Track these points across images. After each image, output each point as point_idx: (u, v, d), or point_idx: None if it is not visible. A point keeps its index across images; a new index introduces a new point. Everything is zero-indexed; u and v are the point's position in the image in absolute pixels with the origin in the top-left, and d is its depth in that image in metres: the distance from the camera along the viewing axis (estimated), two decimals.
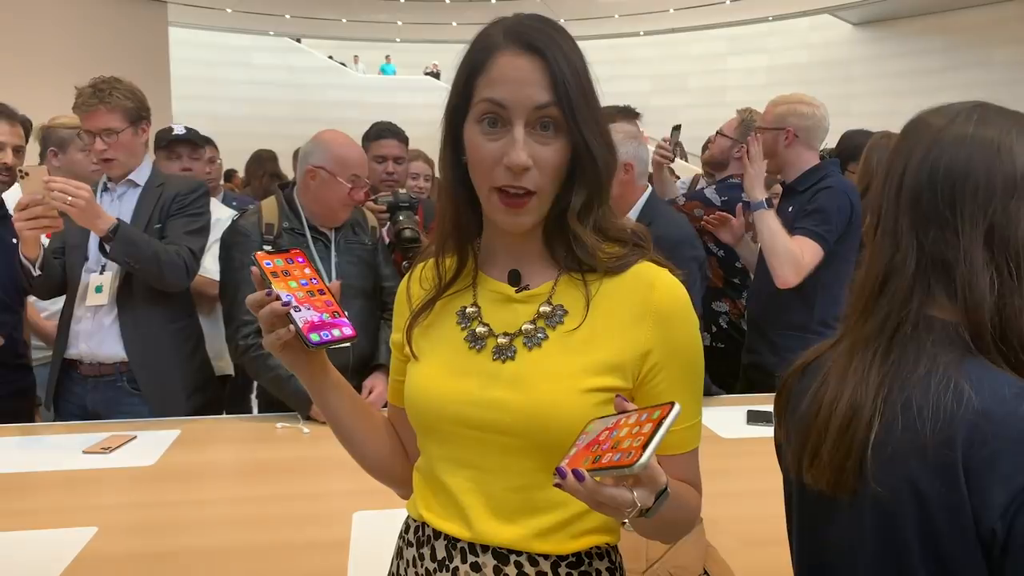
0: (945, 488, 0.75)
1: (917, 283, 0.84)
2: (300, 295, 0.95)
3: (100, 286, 2.28)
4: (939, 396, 0.77)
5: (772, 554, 1.41)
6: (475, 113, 0.88)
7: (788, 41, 18.58)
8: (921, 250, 0.84)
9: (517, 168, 0.85)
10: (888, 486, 0.79)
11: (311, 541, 1.56)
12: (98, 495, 1.82)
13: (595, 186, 0.90)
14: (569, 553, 0.92)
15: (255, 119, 16.82)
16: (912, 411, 0.78)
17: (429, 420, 0.94)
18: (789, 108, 2.57)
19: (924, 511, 0.77)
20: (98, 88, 2.27)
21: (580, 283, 0.92)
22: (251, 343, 2.19)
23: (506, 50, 0.88)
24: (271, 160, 5.17)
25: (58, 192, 2.03)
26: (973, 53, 15.82)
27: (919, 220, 0.84)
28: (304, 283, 0.97)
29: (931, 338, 0.81)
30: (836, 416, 0.83)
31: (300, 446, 2.10)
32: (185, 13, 14.88)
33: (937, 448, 0.76)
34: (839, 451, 0.82)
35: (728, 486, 1.84)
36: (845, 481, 0.82)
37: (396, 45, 20.84)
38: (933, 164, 0.84)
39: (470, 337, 0.94)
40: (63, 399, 2.35)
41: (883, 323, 0.85)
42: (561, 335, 0.91)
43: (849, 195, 2.42)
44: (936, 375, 0.78)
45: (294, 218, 2.29)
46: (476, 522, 0.91)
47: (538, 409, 0.88)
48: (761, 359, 2.55)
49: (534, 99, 0.86)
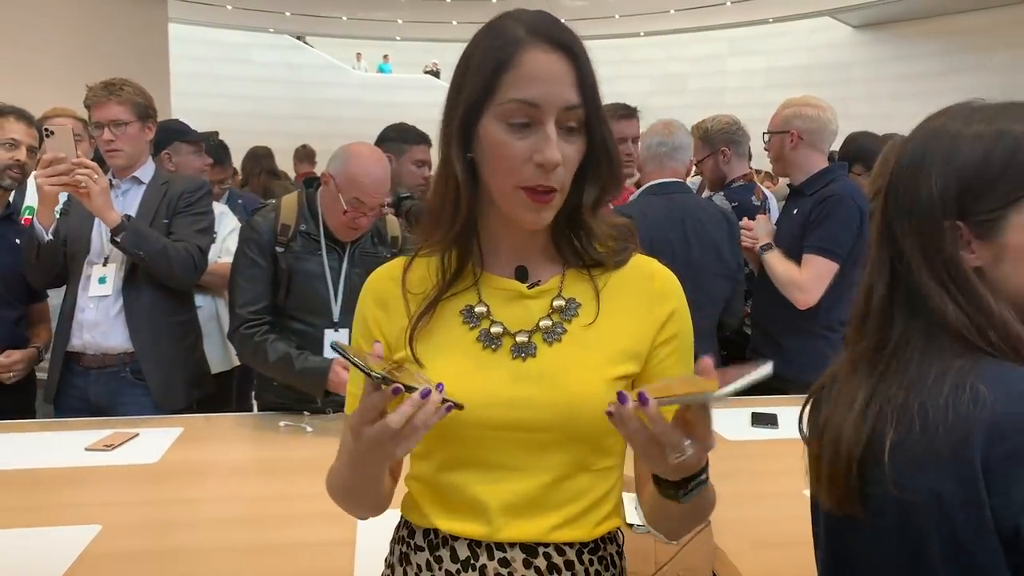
0: (963, 488, 0.74)
1: (926, 292, 0.83)
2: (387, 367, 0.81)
3: (104, 277, 2.29)
4: (954, 398, 0.76)
5: (780, 556, 1.41)
6: (501, 111, 0.86)
7: (788, 43, 18.59)
8: (901, 253, 0.84)
9: (551, 166, 0.85)
10: (909, 490, 0.78)
11: (317, 540, 1.55)
12: (101, 492, 1.81)
13: (610, 182, 0.92)
14: (590, 540, 0.94)
15: (254, 116, 16.77)
16: (927, 415, 0.77)
17: (447, 427, 0.87)
18: (794, 111, 2.56)
19: (943, 513, 0.76)
20: (109, 84, 2.32)
21: (586, 276, 0.94)
22: (254, 332, 2.15)
23: (534, 46, 0.86)
24: (267, 157, 5.16)
25: (87, 169, 2.10)
26: (972, 57, 15.85)
27: (899, 220, 0.85)
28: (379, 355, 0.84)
29: (943, 341, 0.81)
30: (829, 434, 0.84)
31: (303, 444, 2.09)
32: (185, 10, 14.85)
33: (953, 449, 0.75)
34: (837, 470, 0.83)
35: (735, 488, 1.83)
36: (849, 500, 0.83)
37: (396, 43, 20.82)
38: (902, 158, 0.86)
39: (483, 337, 0.92)
40: (64, 393, 2.35)
41: (883, 338, 0.85)
42: (578, 329, 0.92)
43: (856, 200, 2.42)
44: (950, 378, 0.77)
45: (312, 221, 2.21)
46: (498, 521, 0.90)
47: (571, 401, 0.89)
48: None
49: (566, 99, 0.86)
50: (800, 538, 1.01)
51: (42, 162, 2.12)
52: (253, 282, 2.17)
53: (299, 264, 2.17)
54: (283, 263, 2.16)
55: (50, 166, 2.10)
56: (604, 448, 0.92)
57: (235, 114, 16.21)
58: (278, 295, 2.18)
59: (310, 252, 2.19)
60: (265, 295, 2.17)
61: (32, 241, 2.23)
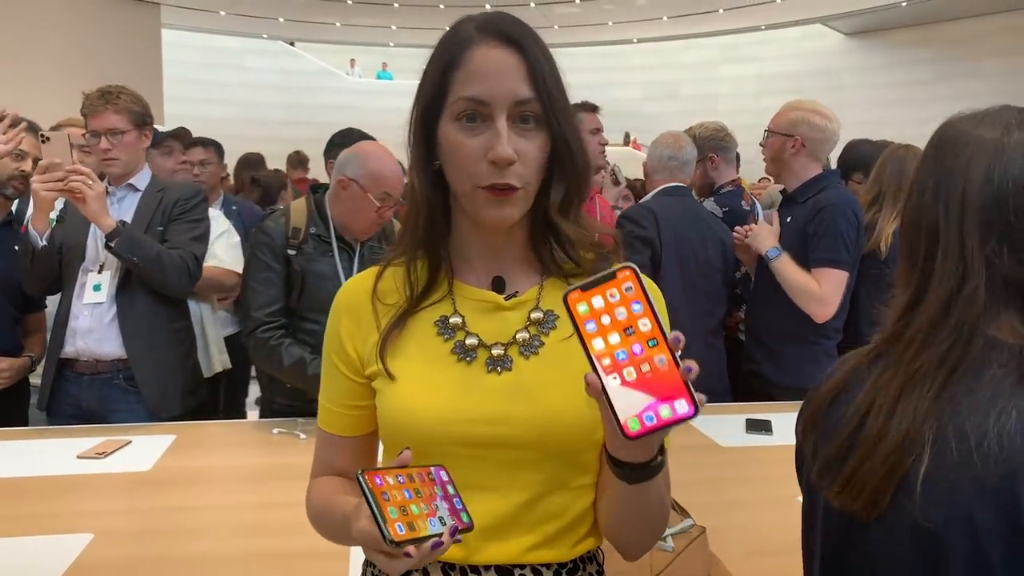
0: (1003, 523, 0.71)
1: (987, 309, 0.78)
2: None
3: (98, 284, 2.29)
4: (1001, 425, 0.72)
5: (775, 563, 1.41)
6: (452, 111, 0.85)
7: (780, 50, 18.70)
8: (992, 273, 0.79)
9: (503, 162, 0.82)
10: (939, 520, 0.74)
11: (311, 548, 1.53)
12: (93, 500, 1.80)
13: (574, 180, 0.89)
14: (568, 560, 0.91)
15: (248, 122, 16.78)
16: (968, 441, 0.73)
17: (420, 443, 0.86)
18: (802, 116, 2.53)
19: (976, 544, 0.73)
20: (106, 92, 2.32)
21: (565, 287, 0.89)
22: (269, 335, 2.17)
23: (482, 43, 0.85)
24: (259, 163, 5.16)
25: (82, 175, 2.11)
26: (962, 64, 15.97)
27: (990, 240, 0.79)
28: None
29: (996, 363, 0.76)
30: (886, 445, 0.78)
31: (296, 451, 2.09)
32: (178, 15, 14.81)
33: (998, 480, 0.71)
34: (883, 479, 0.78)
35: (729, 495, 1.84)
36: (880, 505, 0.79)
37: (390, 50, 20.83)
38: (1000, 178, 0.79)
39: (458, 349, 0.89)
40: (57, 400, 2.33)
41: (947, 353, 0.78)
42: (556, 342, 0.89)
43: (853, 209, 2.43)
44: (998, 403, 0.73)
45: (322, 224, 2.26)
46: (473, 543, 0.87)
47: (549, 418, 0.86)
48: (760, 368, 2.54)
49: (515, 93, 0.84)
50: (796, 546, 1.01)
51: (38, 168, 2.13)
52: (267, 285, 2.19)
53: (311, 265, 2.21)
54: (296, 265, 2.20)
55: (46, 172, 2.10)
56: (581, 465, 0.90)
57: (228, 120, 16.20)
58: (291, 297, 2.21)
59: (321, 253, 2.23)
60: (279, 297, 2.21)
61: (27, 247, 2.22)
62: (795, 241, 2.47)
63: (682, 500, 1.41)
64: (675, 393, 0.68)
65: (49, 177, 2.10)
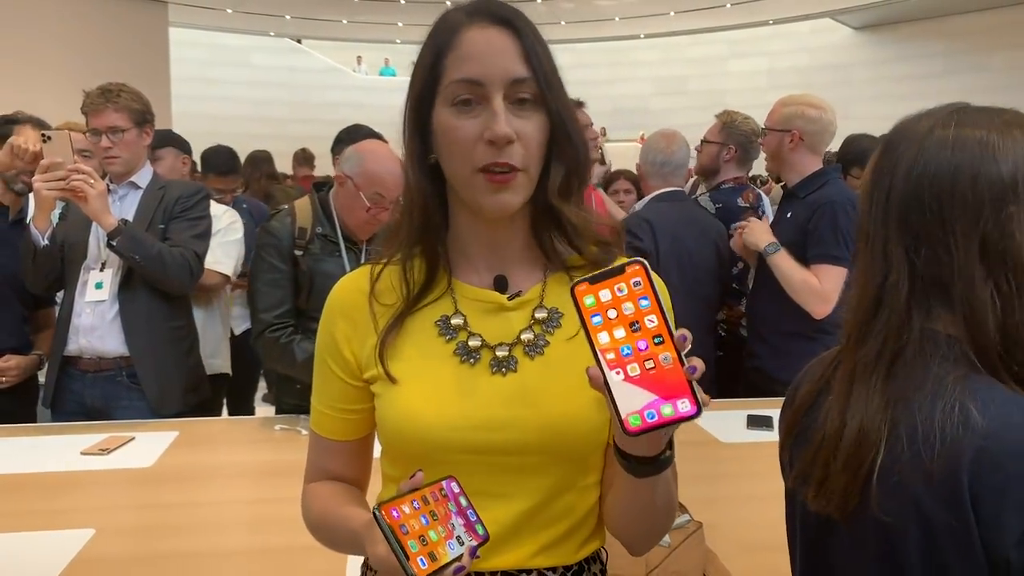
0: (951, 515, 0.72)
1: (914, 305, 0.80)
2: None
3: (100, 282, 2.31)
4: (945, 420, 0.73)
5: (772, 559, 1.41)
6: (446, 96, 0.83)
7: (788, 45, 18.57)
8: (913, 270, 0.80)
9: (501, 140, 0.80)
10: (893, 512, 0.76)
11: (312, 544, 1.54)
12: (96, 496, 1.81)
13: (574, 162, 0.86)
14: (573, 563, 0.90)
15: (254, 120, 16.79)
16: (917, 436, 0.74)
17: (424, 450, 0.84)
18: (797, 110, 2.52)
19: (929, 537, 0.74)
20: (106, 90, 2.33)
21: (568, 282, 0.88)
22: (279, 335, 2.16)
23: (472, 25, 0.83)
24: (267, 161, 5.17)
25: (83, 175, 2.12)
26: (972, 58, 15.84)
27: (909, 238, 0.80)
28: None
29: (936, 357, 0.78)
30: (844, 444, 0.79)
31: (299, 447, 2.08)
32: (185, 13, 14.85)
33: (942, 474, 0.72)
34: (849, 478, 0.79)
35: (728, 491, 1.84)
36: (850, 504, 0.79)
37: (396, 46, 20.83)
38: (918, 176, 0.80)
39: (461, 350, 0.87)
40: (61, 397, 2.35)
41: (881, 347, 0.80)
42: (561, 341, 0.87)
43: (853, 205, 2.41)
44: (942, 397, 0.74)
45: (327, 224, 2.24)
46: (480, 551, 0.84)
47: (556, 421, 0.84)
48: (762, 363, 2.54)
49: (510, 72, 0.82)
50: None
51: (39, 167, 2.14)
52: (274, 286, 2.19)
53: (319, 265, 2.20)
54: (303, 265, 2.19)
55: (47, 171, 2.11)
56: (588, 465, 0.89)
57: (235, 118, 16.24)
58: (300, 298, 2.20)
59: (328, 253, 2.22)
60: (287, 299, 2.19)
61: (29, 245, 2.24)
62: (795, 238, 2.46)
63: (681, 496, 1.39)
64: (678, 392, 0.67)
65: (51, 176, 2.11)
